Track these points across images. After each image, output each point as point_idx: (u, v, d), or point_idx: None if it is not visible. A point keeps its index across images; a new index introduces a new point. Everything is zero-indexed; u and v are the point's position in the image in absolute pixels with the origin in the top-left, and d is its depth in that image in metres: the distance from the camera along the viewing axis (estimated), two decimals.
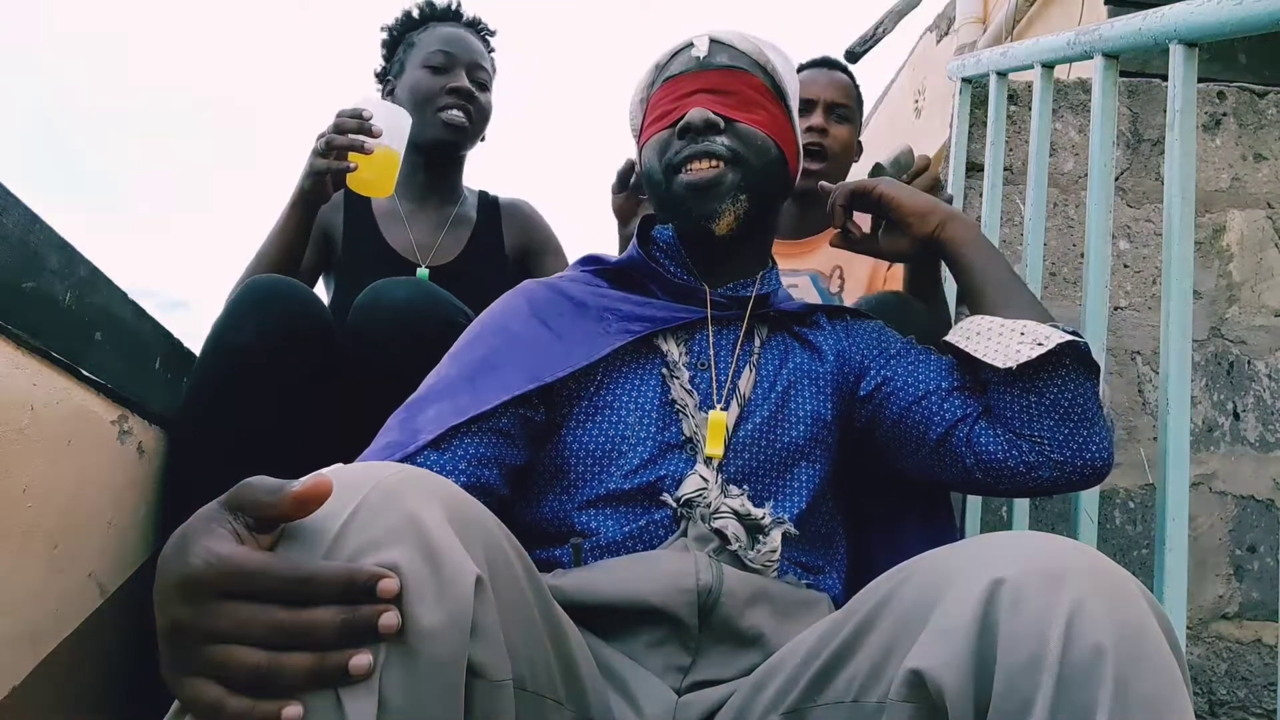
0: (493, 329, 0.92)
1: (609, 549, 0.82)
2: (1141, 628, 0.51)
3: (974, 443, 0.86)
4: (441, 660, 0.49)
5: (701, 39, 0.97)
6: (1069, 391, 0.83)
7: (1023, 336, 0.84)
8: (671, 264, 0.96)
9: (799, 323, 0.99)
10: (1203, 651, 1.54)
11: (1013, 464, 0.84)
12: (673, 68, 0.97)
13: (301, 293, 1.12)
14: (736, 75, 0.95)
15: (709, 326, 0.94)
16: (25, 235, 0.81)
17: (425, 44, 1.52)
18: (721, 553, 0.80)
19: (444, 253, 1.52)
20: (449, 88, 1.49)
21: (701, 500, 0.82)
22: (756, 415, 0.89)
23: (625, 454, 0.85)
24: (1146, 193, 1.70)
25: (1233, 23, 0.99)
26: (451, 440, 0.80)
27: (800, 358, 0.96)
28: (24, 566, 0.83)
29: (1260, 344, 1.66)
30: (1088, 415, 0.83)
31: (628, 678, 0.74)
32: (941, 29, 3.59)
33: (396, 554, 0.49)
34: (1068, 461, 0.83)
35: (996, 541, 0.59)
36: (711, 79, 0.94)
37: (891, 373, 0.93)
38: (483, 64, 1.54)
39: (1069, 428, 0.83)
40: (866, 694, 0.59)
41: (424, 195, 1.56)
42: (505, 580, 0.57)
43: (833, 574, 0.89)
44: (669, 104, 0.95)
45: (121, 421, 1.01)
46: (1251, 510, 1.60)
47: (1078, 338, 0.84)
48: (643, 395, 0.89)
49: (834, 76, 1.70)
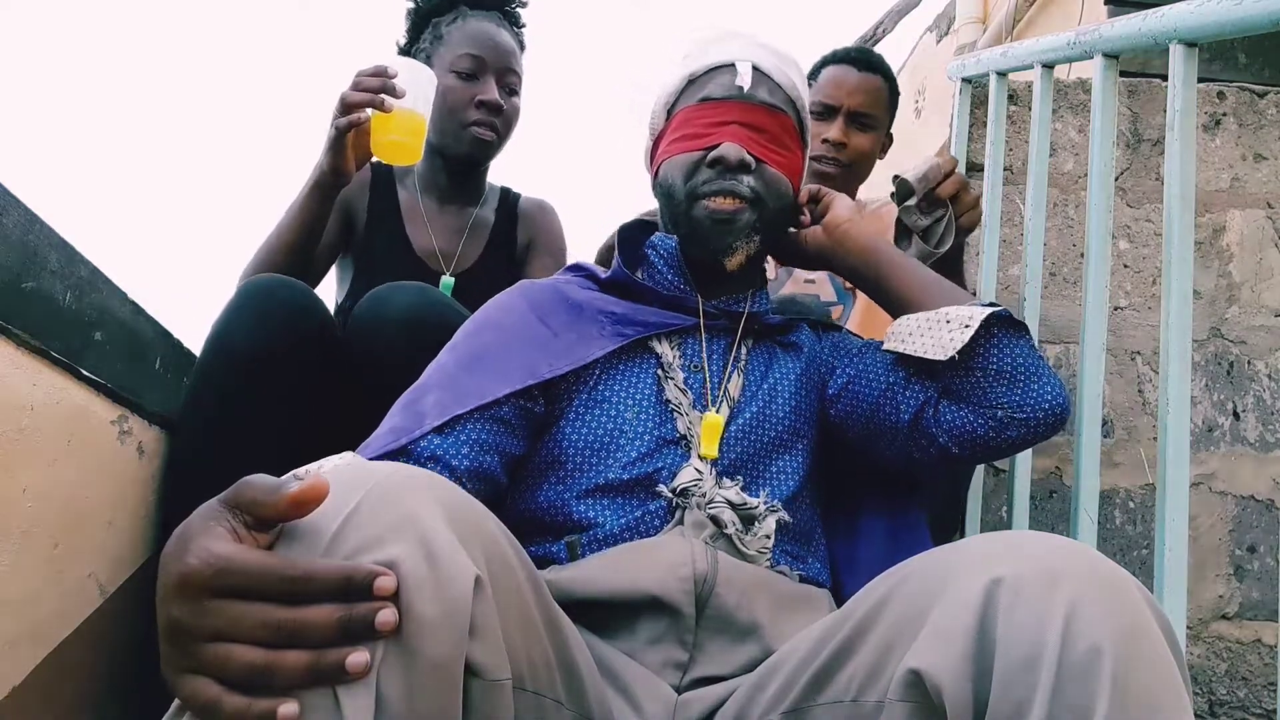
0: (492, 323, 0.94)
1: (606, 540, 0.83)
2: (1140, 628, 0.51)
3: (942, 421, 0.89)
4: (440, 658, 0.49)
5: (745, 66, 0.97)
6: (1008, 356, 0.87)
7: (949, 324, 0.88)
8: (669, 272, 0.98)
9: (782, 333, 1.03)
10: (1203, 651, 1.54)
11: (982, 432, 0.88)
12: (711, 89, 0.97)
13: (301, 293, 1.11)
14: (773, 115, 0.96)
15: (702, 334, 0.97)
16: (25, 235, 0.81)
17: (454, 42, 1.44)
18: (718, 539, 0.82)
19: (465, 259, 1.51)
20: (479, 100, 1.42)
21: (697, 490, 0.84)
22: (744, 413, 0.93)
23: (623, 446, 0.87)
24: (1146, 193, 1.70)
25: (1233, 23, 0.99)
26: (454, 426, 0.82)
27: (783, 361, 1.00)
28: (24, 566, 0.83)
29: (1260, 344, 1.65)
30: (1032, 370, 0.87)
31: (627, 677, 0.74)
32: (941, 29, 3.59)
33: (395, 551, 0.49)
34: (1029, 417, 0.87)
35: (995, 541, 0.59)
36: (750, 114, 0.95)
37: (856, 371, 0.97)
38: (514, 67, 1.47)
39: (1020, 387, 0.87)
40: (865, 693, 0.59)
41: (447, 197, 1.53)
42: (504, 580, 0.57)
43: (816, 562, 0.92)
44: (702, 127, 0.95)
45: (121, 421, 1.01)
46: (1251, 510, 1.60)
47: (995, 306, 0.88)
48: (639, 392, 0.91)
49: (865, 80, 1.61)
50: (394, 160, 1.20)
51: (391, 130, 1.16)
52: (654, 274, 0.99)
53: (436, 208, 1.52)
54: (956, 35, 3.27)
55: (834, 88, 1.61)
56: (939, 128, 3.03)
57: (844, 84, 1.61)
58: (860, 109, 1.60)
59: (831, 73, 1.64)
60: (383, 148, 1.17)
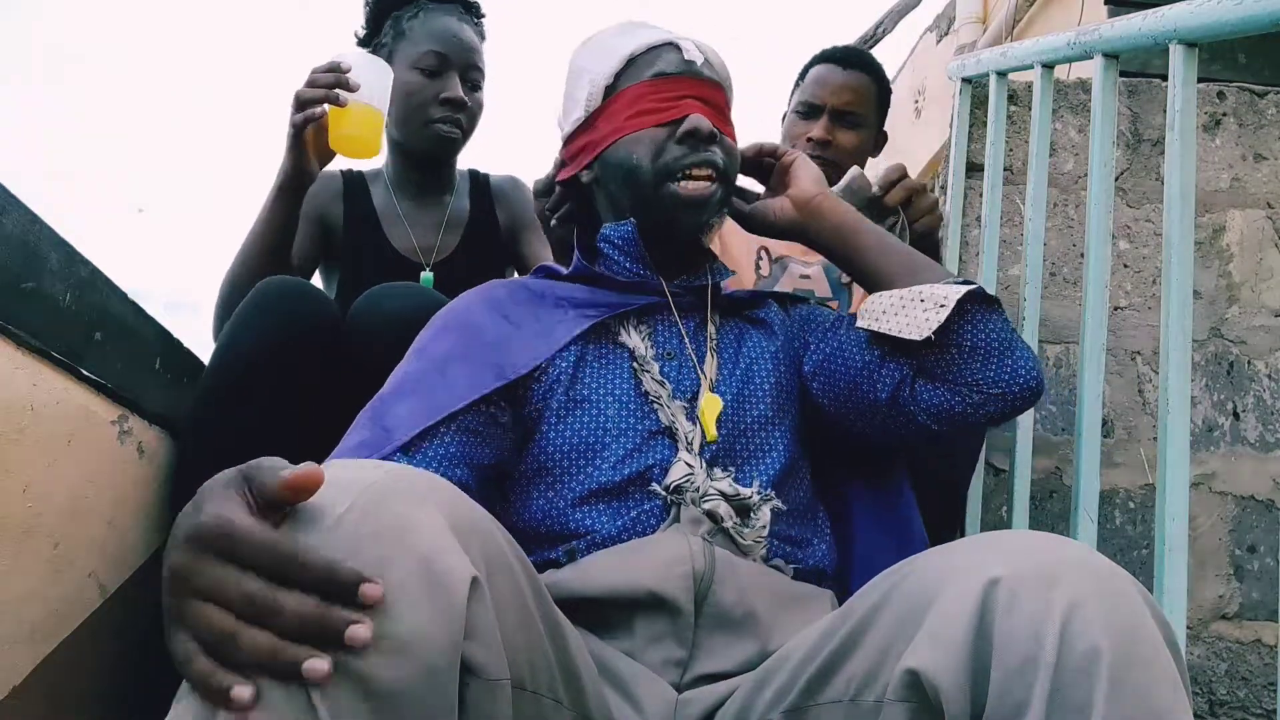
0: (455, 324, 0.93)
1: (605, 544, 0.82)
2: (1138, 628, 0.51)
3: (919, 399, 0.89)
4: (433, 663, 0.49)
5: (687, 43, 0.97)
6: (982, 333, 0.87)
7: (924, 303, 0.87)
8: (627, 260, 0.97)
9: (748, 308, 1.03)
10: (1203, 651, 1.54)
11: (959, 409, 0.88)
12: (662, 65, 0.95)
13: (313, 294, 1.12)
14: (718, 89, 0.97)
15: (674, 315, 0.97)
16: (25, 235, 0.81)
17: (416, 38, 1.42)
18: (715, 534, 0.82)
19: (444, 251, 1.51)
20: (442, 97, 1.41)
21: (690, 485, 0.84)
22: (725, 395, 0.92)
23: (609, 445, 0.87)
24: (1146, 193, 1.70)
25: (1233, 23, 0.99)
26: (421, 442, 0.81)
27: (754, 337, 1.00)
28: (24, 566, 0.83)
29: (1260, 344, 1.65)
30: (1006, 345, 0.87)
31: (627, 677, 0.74)
32: (941, 29, 3.59)
33: (389, 553, 0.49)
34: (1005, 392, 0.87)
35: (993, 541, 0.59)
36: (702, 88, 0.95)
37: (831, 348, 0.95)
38: (477, 63, 1.47)
39: (995, 363, 0.87)
40: (864, 694, 0.59)
41: (419, 193, 1.53)
42: (503, 581, 0.57)
43: (820, 544, 0.91)
44: (659, 102, 0.94)
45: (121, 421, 1.01)
46: (1251, 510, 1.60)
47: (970, 284, 0.88)
48: (616, 388, 0.91)
49: (850, 78, 1.61)
50: (351, 155, 1.19)
51: (346, 125, 1.15)
52: (611, 265, 0.98)
53: (411, 205, 1.52)
54: (956, 35, 3.27)
55: (818, 86, 1.61)
56: (939, 128, 3.03)
57: (828, 83, 1.61)
58: (845, 107, 1.59)
59: (816, 72, 1.64)
60: (339, 142, 1.16)
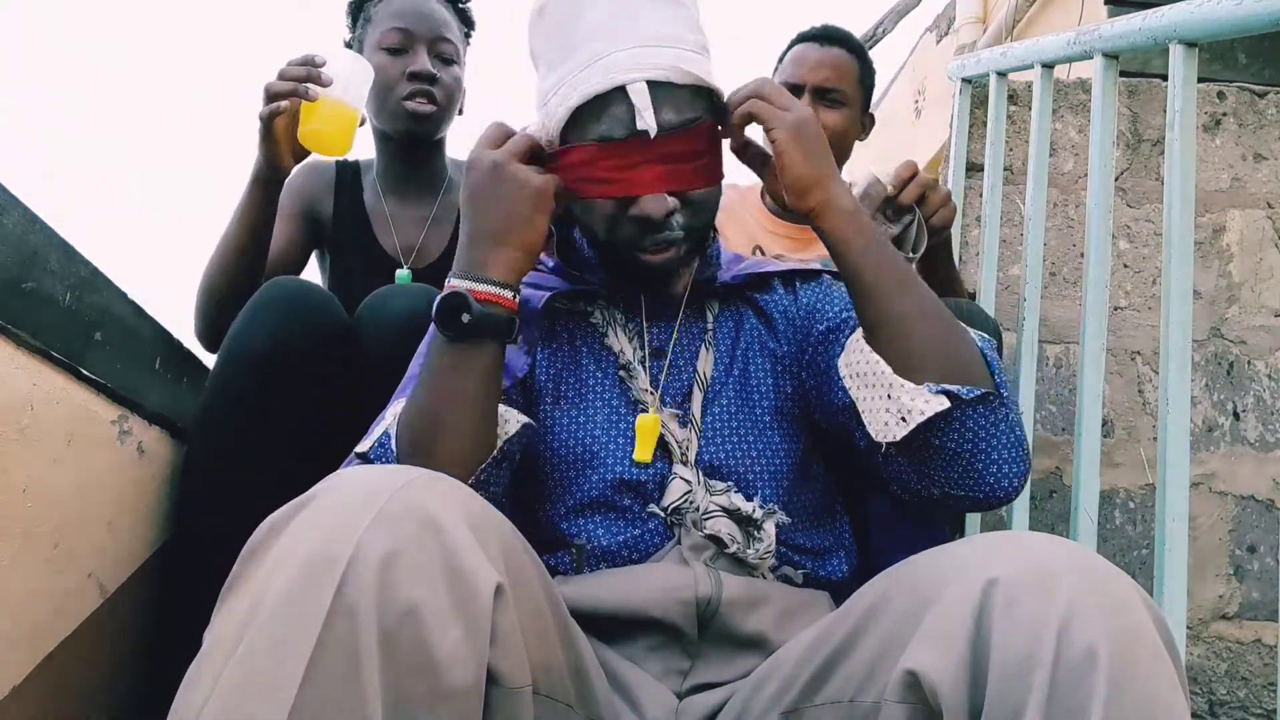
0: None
1: (605, 554, 0.81)
2: (1136, 630, 0.51)
3: (890, 468, 0.80)
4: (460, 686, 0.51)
5: (640, 91, 0.77)
6: (954, 436, 0.74)
7: (889, 402, 0.75)
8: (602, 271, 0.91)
9: (752, 289, 0.95)
10: (1203, 651, 1.54)
11: (926, 493, 0.78)
12: (608, 127, 0.79)
13: (321, 295, 1.11)
14: (686, 135, 0.79)
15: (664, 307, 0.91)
16: (25, 235, 0.81)
17: (380, 19, 1.40)
18: (719, 558, 0.80)
19: (428, 251, 1.46)
20: (409, 72, 1.36)
21: (689, 506, 0.81)
22: (722, 397, 0.88)
23: (599, 455, 0.84)
24: (1146, 193, 1.70)
25: (1233, 23, 0.99)
26: None
27: (754, 326, 0.93)
28: (24, 566, 0.83)
29: (1260, 344, 1.65)
30: (985, 447, 0.74)
31: (629, 681, 0.74)
32: (941, 29, 3.59)
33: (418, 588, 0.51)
34: (969, 495, 0.77)
35: (992, 542, 0.59)
36: (660, 148, 0.78)
37: (825, 362, 0.87)
38: (446, 35, 1.40)
39: (967, 467, 0.75)
40: (862, 694, 0.59)
41: (404, 188, 1.48)
42: (523, 586, 0.57)
43: (839, 553, 0.87)
44: (611, 172, 0.79)
45: (121, 421, 1.01)
46: (1251, 510, 1.60)
47: (950, 390, 0.73)
48: (600, 399, 0.88)
49: (827, 54, 1.55)
50: (319, 150, 1.17)
51: (315, 120, 1.13)
52: (589, 270, 0.93)
53: (398, 201, 1.48)
54: (956, 35, 3.27)
55: (796, 66, 1.56)
56: (939, 128, 3.03)
57: (805, 61, 1.55)
58: (824, 84, 1.53)
59: (794, 52, 1.59)
60: (307, 137, 1.15)
